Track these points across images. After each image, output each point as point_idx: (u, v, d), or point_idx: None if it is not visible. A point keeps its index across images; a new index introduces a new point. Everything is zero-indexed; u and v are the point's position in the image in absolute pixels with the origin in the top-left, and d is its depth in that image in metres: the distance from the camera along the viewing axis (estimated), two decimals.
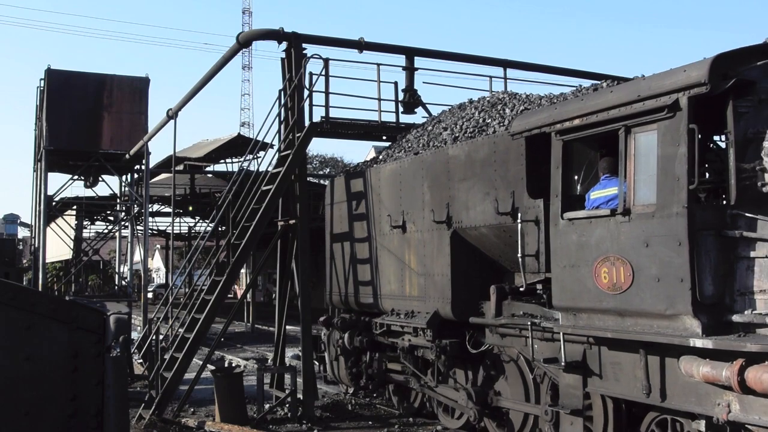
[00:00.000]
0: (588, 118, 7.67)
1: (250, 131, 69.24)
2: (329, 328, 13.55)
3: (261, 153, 16.03)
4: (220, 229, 22.75)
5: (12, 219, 44.40)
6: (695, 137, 6.56)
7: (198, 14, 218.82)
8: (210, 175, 32.21)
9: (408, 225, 11.14)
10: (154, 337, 13.77)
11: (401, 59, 14.44)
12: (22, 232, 47.10)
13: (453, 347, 10.19)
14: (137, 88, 25.60)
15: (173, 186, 22.85)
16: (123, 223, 30.18)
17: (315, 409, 12.55)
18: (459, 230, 10.01)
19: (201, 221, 40.80)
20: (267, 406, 12.63)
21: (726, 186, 6.80)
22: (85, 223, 35.80)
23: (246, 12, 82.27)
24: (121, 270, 33.24)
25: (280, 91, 13.42)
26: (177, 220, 39.86)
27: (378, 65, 13.98)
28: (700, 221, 6.63)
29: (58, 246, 32.38)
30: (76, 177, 26.99)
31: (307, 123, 13.12)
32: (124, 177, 27.59)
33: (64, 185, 27.22)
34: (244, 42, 14.18)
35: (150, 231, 36.64)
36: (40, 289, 22.98)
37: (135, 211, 27.18)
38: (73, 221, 32.17)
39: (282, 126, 13.45)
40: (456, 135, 10.89)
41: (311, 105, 13.29)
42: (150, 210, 30.47)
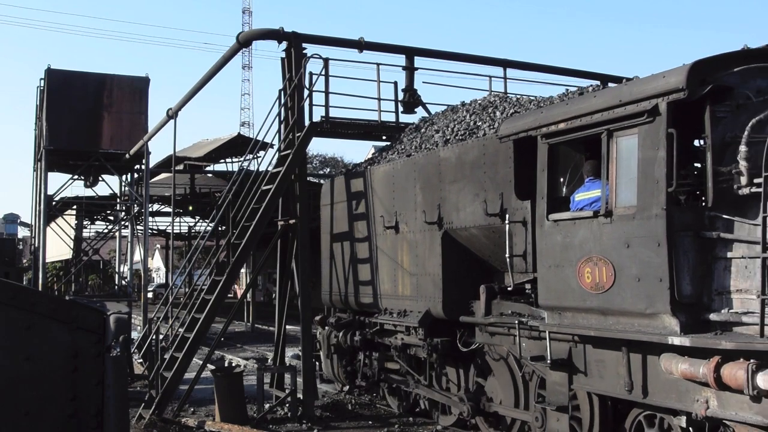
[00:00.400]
0: (572, 122, 7.88)
1: (250, 131, 69.36)
2: (325, 327, 13.73)
3: (261, 153, 16.04)
4: (220, 229, 22.70)
5: (12, 219, 44.52)
6: (674, 141, 6.76)
7: (198, 14, 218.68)
8: (210, 175, 32.10)
9: (401, 226, 11.34)
10: (154, 337, 13.76)
11: (401, 59, 14.44)
12: (22, 232, 47.24)
13: (444, 346, 10.39)
14: (137, 88, 25.61)
15: (173, 186, 22.86)
16: (123, 223, 30.16)
17: (315, 409, 12.55)
18: (450, 231, 10.21)
19: (201, 221, 40.78)
20: (267, 406, 12.64)
21: (704, 189, 7.00)
22: (85, 223, 35.76)
23: (246, 12, 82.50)
24: (121, 270, 33.23)
25: (280, 91, 13.42)
26: (177, 220, 39.84)
27: (378, 65, 13.96)
28: (679, 223, 6.83)
29: (58, 246, 32.40)
30: (76, 177, 27.03)
31: (307, 123, 13.14)
32: (124, 177, 27.63)
33: (64, 185, 27.31)
34: (244, 42, 14.18)
35: (150, 231, 36.71)
36: (40, 289, 23.08)
37: (135, 211, 27.20)
38: (73, 221, 32.19)
39: (282, 126, 13.45)
40: (447, 137, 11.08)
41: (311, 105, 13.29)
42: (150, 210, 30.53)
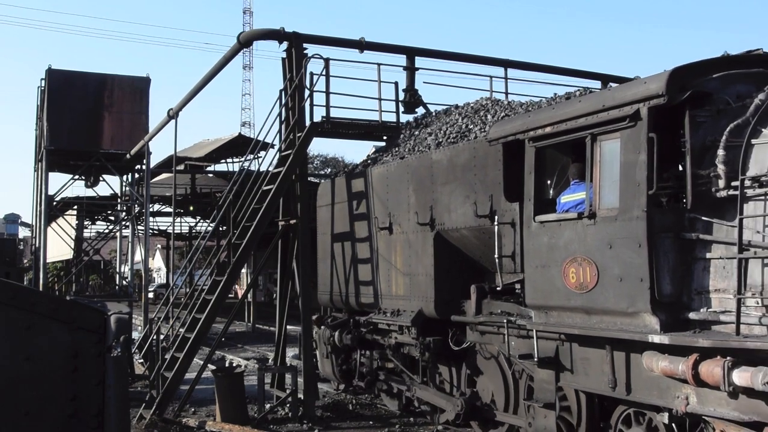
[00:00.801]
0: (558, 126, 8.08)
1: (251, 131, 69.55)
2: (321, 327, 13.91)
3: (262, 153, 16.04)
4: (221, 229, 22.79)
5: (13, 219, 44.74)
6: (654, 145, 6.96)
7: (198, 14, 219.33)
8: (211, 175, 32.26)
9: (394, 227, 11.54)
10: (155, 337, 13.73)
11: (402, 59, 14.45)
12: (23, 232, 47.49)
13: (436, 344, 10.60)
14: (138, 88, 25.69)
15: (174, 186, 22.99)
16: (124, 223, 30.31)
17: (316, 409, 12.61)
18: (442, 232, 10.42)
19: (202, 221, 40.91)
20: (268, 406, 12.69)
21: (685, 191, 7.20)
22: (86, 223, 35.94)
23: (247, 12, 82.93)
24: (122, 270, 33.36)
25: (281, 91, 13.45)
26: (178, 220, 40.01)
27: (379, 65, 13.95)
28: (659, 224, 7.04)
29: (59, 246, 32.50)
30: (77, 177, 27.16)
31: (308, 123, 13.15)
32: (125, 177, 27.77)
33: (65, 185, 27.44)
34: (245, 42, 14.22)
35: (151, 231, 36.72)
36: (41, 289, 23.23)
37: (136, 211, 27.35)
38: (74, 221, 32.33)
39: (283, 126, 13.46)
40: (440, 140, 11.29)
41: (312, 105, 13.29)
42: (151, 210, 30.55)
